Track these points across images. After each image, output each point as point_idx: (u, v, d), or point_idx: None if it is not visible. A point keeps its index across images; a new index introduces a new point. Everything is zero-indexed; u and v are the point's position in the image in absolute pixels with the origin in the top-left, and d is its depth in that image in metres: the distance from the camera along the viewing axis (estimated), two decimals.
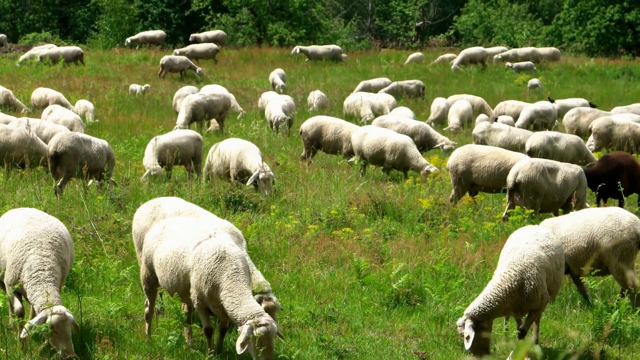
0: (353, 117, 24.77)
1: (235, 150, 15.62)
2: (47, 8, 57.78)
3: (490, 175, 15.00)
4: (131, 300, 10.30)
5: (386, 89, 30.27)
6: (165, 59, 34.53)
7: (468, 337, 8.46)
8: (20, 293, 8.63)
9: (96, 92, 29.52)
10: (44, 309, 8.17)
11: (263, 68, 37.54)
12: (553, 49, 42.44)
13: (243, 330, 8.01)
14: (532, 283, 8.68)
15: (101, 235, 12.06)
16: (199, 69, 34.56)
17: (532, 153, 17.14)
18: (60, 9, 58.09)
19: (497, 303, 8.62)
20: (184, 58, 34.80)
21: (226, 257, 8.40)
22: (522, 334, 8.98)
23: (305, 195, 15.22)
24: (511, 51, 41.07)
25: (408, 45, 53.30)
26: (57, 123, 18.90)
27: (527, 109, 24.66)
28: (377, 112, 25.00)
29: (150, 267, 9.00)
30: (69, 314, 8.23)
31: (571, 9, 51.72)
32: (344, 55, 41.15)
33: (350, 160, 18.21)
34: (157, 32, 44.91)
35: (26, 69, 34.45)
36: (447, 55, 41.74)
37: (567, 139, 18.02)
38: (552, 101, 25.79)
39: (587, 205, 14.13)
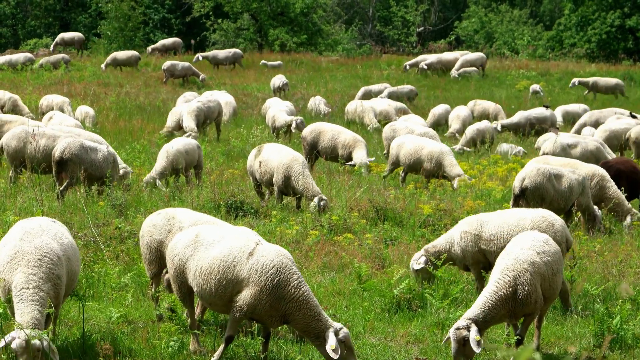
0: (354, 124, 24.78)
1: (281, 163, 14.83)
2: (49, 14, 57.86)
3: None
4: (132, 306, 10.30)
5: (383, 95, 30.26)
6: (167, 64, 34.50)
7: (479, 341, 8.39)
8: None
9: (97, 98, 29.55)
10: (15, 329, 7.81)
11: (264, 74, 37.59)
12: (480, 54, 40.45)
13: (330, 337, 8.19)
14: (526, 288, 8.68)
15: (102, 241, 12.06)
16: (202, 75, 34.52)
17: None
18: (61, 15, 58.16)
19: (494, 310, 8.62)
20: (186, 64, 34.78)
21: (285, 267, 8.29)
22: (519, 341, 8.97)
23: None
24: (436, 57, 39.67)
25: (409, 51, 53.34)
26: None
27: (519, 114, 25.04)
28: (380, 118, 25.01)
29: (181, 277, 8.67)
30: (15, 342, 7.62)
31: (572, 15, 51.76)
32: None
33: (349, 164, 18.21)
34: (175, 40, 44.74)
35: (27, 75, 34.48)
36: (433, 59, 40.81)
37: (584, 145, 17.96)
38: (547, 107, 25.90)
39: (596, 211, 14.12)
